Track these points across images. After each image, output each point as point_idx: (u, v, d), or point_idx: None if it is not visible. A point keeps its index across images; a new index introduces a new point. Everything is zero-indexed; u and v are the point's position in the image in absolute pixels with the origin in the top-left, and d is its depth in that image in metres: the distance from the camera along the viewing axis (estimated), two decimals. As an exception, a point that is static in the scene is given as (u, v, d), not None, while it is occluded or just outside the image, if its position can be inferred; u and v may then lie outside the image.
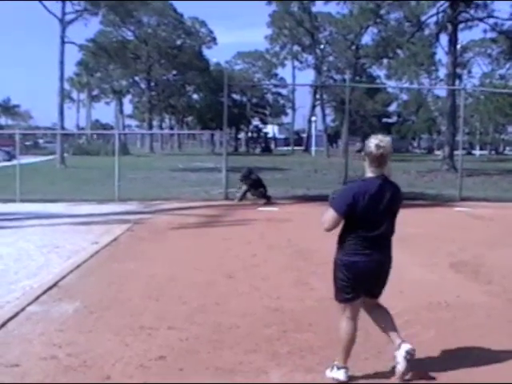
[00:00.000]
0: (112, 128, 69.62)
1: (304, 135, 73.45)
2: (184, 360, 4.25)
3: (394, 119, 79.02)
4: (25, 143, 40.83)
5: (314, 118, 67.20)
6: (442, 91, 51.68)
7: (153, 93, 63.35)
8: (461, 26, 34.19)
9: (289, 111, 79.20)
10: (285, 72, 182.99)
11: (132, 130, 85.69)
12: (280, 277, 6.86)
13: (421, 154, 68.12)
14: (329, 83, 67.58)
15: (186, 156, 48.22)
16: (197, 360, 4.27)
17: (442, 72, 55.73)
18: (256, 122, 79.45)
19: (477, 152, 68.92)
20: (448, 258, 7.90)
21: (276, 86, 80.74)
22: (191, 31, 64.34)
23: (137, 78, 63.51)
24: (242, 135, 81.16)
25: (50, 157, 37.83)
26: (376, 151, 3.74)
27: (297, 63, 70.59)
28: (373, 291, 3.96)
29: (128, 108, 78.50)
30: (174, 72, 64.64)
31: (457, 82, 39.25)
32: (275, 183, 17.90)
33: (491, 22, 33.39)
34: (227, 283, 6.54)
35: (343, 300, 3.90)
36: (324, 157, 51.61)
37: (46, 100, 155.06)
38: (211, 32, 66.74)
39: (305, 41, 65.52)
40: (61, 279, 6.55)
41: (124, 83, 65.31)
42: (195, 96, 72.37)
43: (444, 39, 35.34)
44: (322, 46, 64.23)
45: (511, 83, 54.52)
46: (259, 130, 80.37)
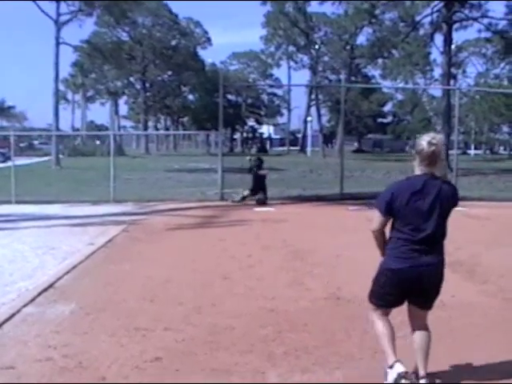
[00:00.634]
0: (107, 129, 69.43)
1: (299, 135, 73.46)
2: (180, 361, 4.24)
3: (389, 119, 78.97)
4: (19, 144, 40.61)
5: (310, 119, 67.21)
6: (437, 91, 52.17)
7: (148, 93, 63.36)
8: (455, 26, 34.38)
9: (284, 111, 79.34)
10: (280, 72, 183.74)
11: (127, 131, 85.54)
12: (275, 277, 6.85)
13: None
14: (324, 83, 67.87)
15: (182, 157, 48.20)
16: (193, 361, 4.26)
17: (437, 72, 56.18)
18: (251, 123, 79.55)
19: (472, 152, 69.16)
20: (444, 258, 7.89)
21: (271, 87, 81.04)
22: (186, 32, 64.28)
23: (132, 79, 63.42)
24: (238, 136, 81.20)
25: (45, 158, 37.75)
26: (428, 148, 3.55)
27: (292, 63, 70.68)
28: (419, 302, 3.74)
29: (123, 109, 78.36)
30: (169, 73, 64.67)
31: (452, 82, 39.50)
32: (271, 183, 17.85)
33: (486, 22, 33.65)
34: (223, 284, 6.54)
35: (373, 303, 3.82)
36: (319, 157, 51.72)
37: (41, 101, 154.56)
38: (206, 32, 66.92)
39: (300, 41, 65.48)
40: (56, 281, 6.53)
41: (119, 84, 65.12)
42: (190, 97, 72.60)
43: (439, 39, 35.66)
44: (317, 47, 64.29)
45: (506, 83, 54.64)
46: (254, 131, 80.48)
